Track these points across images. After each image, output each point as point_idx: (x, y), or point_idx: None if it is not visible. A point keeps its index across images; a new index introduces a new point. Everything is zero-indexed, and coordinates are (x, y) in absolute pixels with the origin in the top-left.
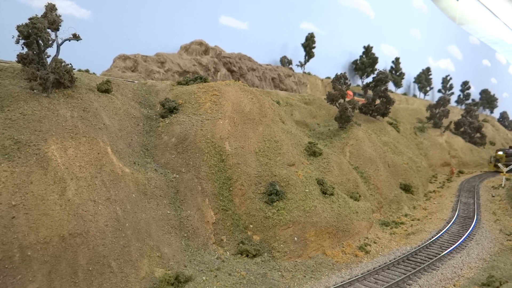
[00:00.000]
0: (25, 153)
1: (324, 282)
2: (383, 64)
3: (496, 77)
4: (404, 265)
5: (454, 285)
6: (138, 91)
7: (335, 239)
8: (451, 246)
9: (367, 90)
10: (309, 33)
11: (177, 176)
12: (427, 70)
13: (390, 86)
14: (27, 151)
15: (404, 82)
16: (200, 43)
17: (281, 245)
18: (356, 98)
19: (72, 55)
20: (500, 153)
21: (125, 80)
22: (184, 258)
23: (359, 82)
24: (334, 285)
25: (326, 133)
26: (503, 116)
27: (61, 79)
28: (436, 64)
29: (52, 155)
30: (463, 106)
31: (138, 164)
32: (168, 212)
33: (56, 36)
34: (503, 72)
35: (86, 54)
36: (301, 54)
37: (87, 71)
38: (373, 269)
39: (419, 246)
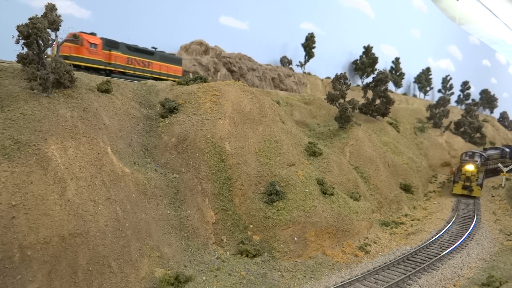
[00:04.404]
0: (25, 153)
1: (324, 282)
2: (383, 64)
3: (496, 77)
4: (404, 265)
5: (454, 285)
6: (138, 91)
7: (335, 239)
8: (451, 246)
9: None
10: (309, 33)
11: (177, 176)
12: (427, 70)
13: (390, 86)
14: (27, 151)
15: (404, 82)
16: (200, 43)
17: (281, 245)
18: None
19: None
20: (470, 167)
21: (125, 80)
22: (184, 258)
23: (359, 82)
24: (334, 285)
25: (326, 133)
26: (503, 116)
27: (61, 79)
28: (436, 64)
29: (52, 155)
30: (463, 106)
31: (138, 164)
32: (168, 212)
33: (56, 36)
34: (503, 72)
35: None
36: (301, 54)
37: None
38: (373, 269)
39: (419, 246)
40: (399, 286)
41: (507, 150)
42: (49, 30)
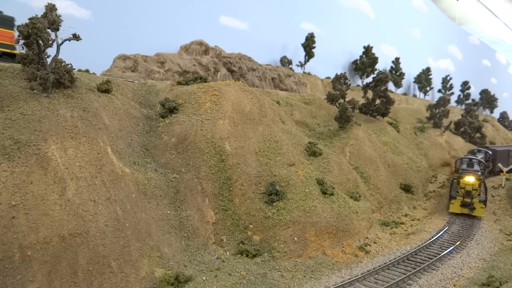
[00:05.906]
0: (25, 153)
1: (324, 282)
2: (383, 64)
3: (496, 77)
4: (404, 265)
5: (454, 285)
6: (138, 91)
7: (335, 239)
8: (451, 246)
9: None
10: (309, 33)
11: (177, 176)
12: (427, 70)
13: (390, 86)
14: (27, 151)
15: (404, 82)
16: (200, 43)
17: (281, 245)
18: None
19: (72, 55)
20: (470, 179)
21: (125, 80)
22: (184, 258)
23: (359, 82)
24: (334, 285)
25: (326, 133)
26: (503, 116)
27: (61, 79)
28: (436, 64)
29: (52, 155)
30: (463, 106)
31: (138, 164)
32: (168, 212)
33: (56, 36)
34: (503, 72)
35: (86, 54)
36: (301, 54)
37: (87, 71)
38: (373, 269)
39: (419, 246)
40: (399, 286)
41: (490, 152)
42: (49, 30)
